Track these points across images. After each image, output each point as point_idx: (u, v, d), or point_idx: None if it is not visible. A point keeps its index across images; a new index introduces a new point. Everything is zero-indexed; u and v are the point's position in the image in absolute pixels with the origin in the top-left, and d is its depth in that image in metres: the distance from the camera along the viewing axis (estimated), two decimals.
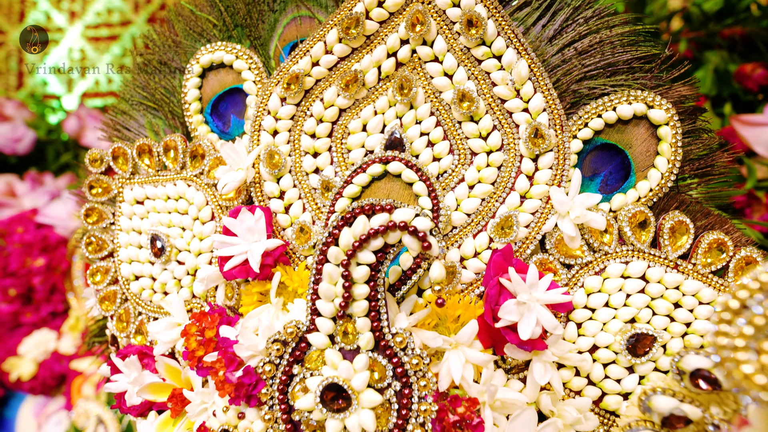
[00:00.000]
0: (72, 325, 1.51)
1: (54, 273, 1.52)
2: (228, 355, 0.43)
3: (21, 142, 1.72)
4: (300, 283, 0.47)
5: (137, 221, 0.57)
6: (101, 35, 2.25)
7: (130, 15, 2.26)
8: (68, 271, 1.50)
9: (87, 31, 2.25)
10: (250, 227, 0.47)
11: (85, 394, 1.46)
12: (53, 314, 1.54)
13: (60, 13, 2.23)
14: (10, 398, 1.58)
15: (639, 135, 0.49)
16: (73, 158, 1.77)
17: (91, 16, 2.24)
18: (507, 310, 0.42)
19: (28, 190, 1.67)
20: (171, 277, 0.55)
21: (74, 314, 1.51)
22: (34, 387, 1.50)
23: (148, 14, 2.26)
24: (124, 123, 0.62)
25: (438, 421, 0.40)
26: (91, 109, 1.83)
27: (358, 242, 0.39)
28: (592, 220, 0.46)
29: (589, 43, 0.49)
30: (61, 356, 1.49)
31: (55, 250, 1.53)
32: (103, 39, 2.25)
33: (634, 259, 0.47)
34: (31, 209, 1.58)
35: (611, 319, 0.46)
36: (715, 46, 1.17)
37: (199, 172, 0.55)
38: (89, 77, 2.27)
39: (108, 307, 0.58)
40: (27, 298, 1.51)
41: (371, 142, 0.50)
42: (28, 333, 1.50)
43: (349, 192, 0.48)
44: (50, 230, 1.54)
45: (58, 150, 1.77)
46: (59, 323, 1.52)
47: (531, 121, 0.48)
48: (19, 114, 1.74)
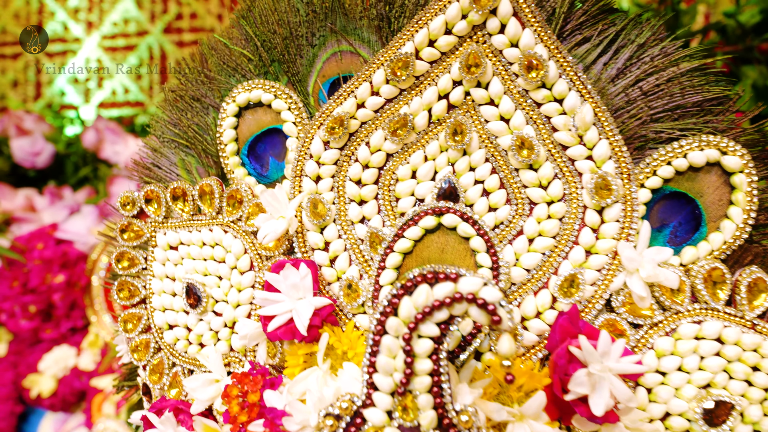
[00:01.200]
0: (92, 341, 1.50)
1: (74, 289, 1.51)
2: (276, 428, 0.40)
3: (40, 155, 1.71)
4: (349, 344, 0.44)
5: (171, 267, 0.55)
6: (118, 45, 2.24)
7: (146, 25, 2.24)
8: (88, 286, 1.49)
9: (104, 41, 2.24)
10: (295, 283, 0.44)
11: (105, 413, 1.45)
12: (73, 330, 1.53)
13: (77, 24, 2.23)
14: (30, 414, 1.57)
15: (711, 183, 0.46)
16: (91, 172, 1.76)
17: (108, 26, 2.23)
18: (578, 382, 0.39)
19: (47, 204, 1.66)
20: (207, 328, 0.52)
21: (94, 330, 1.50)
22: (53, 404, 1.49)
23: (165, 24, 2.25)
24: (155, 161, 0.59)
25: None
26: (110, 122, 1.81)
27: (421, 314, 0.36)
28: (665, 278, 0.43)
29: (655, 83, 0.46)
30: (81, 372, 1.48)
31: (75, 266, 1.52)
32: (119, 49, 2.24)
33: (708, 318, 0.44)
34: (51, 224, 1.57)
35: (685, 384, 0.43)
36: (753, 61, 1.13)
37: (236, 218, 0.52)
38: (106, 87, 2.26)
39: (141, 356, 0.56)
40: (47, 315, 1.50)
41: (422, 191, 0.47)
42: (48, 349, 1.50)
43: (400, 247, 0.45)
44: (70, 246, 1.53)
45: (77, 163, 1.76)
46: (79, 339, 1.51)
47: (595, 170, 0.44)
48: (38, 128, 1.73)
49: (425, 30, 0.46)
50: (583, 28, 0.48)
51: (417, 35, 0.46)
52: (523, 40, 0.44)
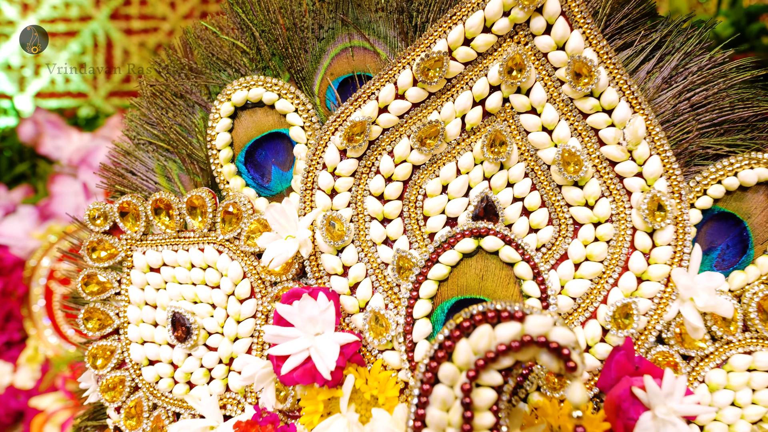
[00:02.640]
0: (30, 356, 1.35)
1: (9, 298, 1.36)
2: None
3: None
4: (378, 388, 0.38)
5: (152, 293, 0.46)
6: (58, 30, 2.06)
7: (90, 10, 2.07)
8: (26, 296, 1.35)
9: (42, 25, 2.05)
10: (313, 317, 0.38)
11: None
12: (8, 344, 1.38)
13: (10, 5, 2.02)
14: None
15: (759, 203, 0.43)
16: (29, 169, 1.59)
17: (47, 9, 2.04)
18: (644, 427, 0.35)
19: None
20: (198, 365, 0.45)
21: (32, 344, 1.35)
22: None
23: (111, 10, 2.09)
24: (129, 166, 0.51)
25: None
26: (50, 114, 1.65)
27: (483, 361, 0.31)
28: (720, 307, 0.39)
29: (705, 95, 0.43)
30: (18, 391, 1.34)
31: (11, 273, 1.37)
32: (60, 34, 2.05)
33: (760, 347, 0.41)
34: None
35: (738, 420, 0.40)
36: None
37: (233, 237, 0.45)
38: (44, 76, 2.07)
39: (114, 397, 0.47)
40: None
41: (454, 208, 0.42)
42: None
43: (435, 274, 0.39)
44: (5, 251, 1.38)
45: (13, 159, 1.59)
46: (15, 354, 1.36)
47: (647, 189, 0.40)
48: None
49: (461, 27, 0.41)
50: (623, 33, 0.44)
51: (451, 32, 0.41)
52: (572, 42, 0.40)
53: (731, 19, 1.19)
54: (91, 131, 1.71)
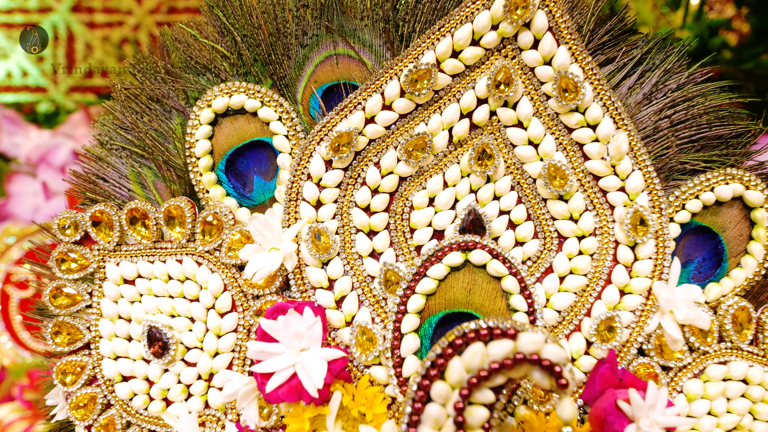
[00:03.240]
0: None
1: None
2: None
3: None
4: (366, 404, 0.37)
5: (126, 306, 0.45)
6: (15, 22, 1.97)
7: (50, 1, 1.99)
8: None
9: None
10: (299, 332, 0.37)
11: None
12: None
13: None
14: None
15: (733, 217, 0.44)
16: None
17: None
18: None
19: None
20: (176, 381, 0.43)
21: None
22: None
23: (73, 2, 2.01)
24: (100, 172, 0.49)
25: None
26: (6, 109, 1.58)
27: (477, 379, 0.30)
28: (699, 320, 0.40)
29: (684, 113, 0.44)
30: None
31: None
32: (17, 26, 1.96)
33: (734, 358, 0.42)
34: None
35: (714, 429, 0.41)
36: None
37: (213, 248, 0.43)
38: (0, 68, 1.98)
39: (84, 415, 0.45)
40: None
41: (440, 221, 0.42)
42: None
43: (423, 288, 0.39)
44: None
45: None
46: None
47: (630, 203, 0.41)
48: None
49: (449, 39, 0.40)
50: (606, 48, 0.45)
51: (439, 44, 0.41)
52: (558, 58, 0.40)
53: (695, 32, 1.23)
54: (51, 128, 1.64)
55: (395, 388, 0.38)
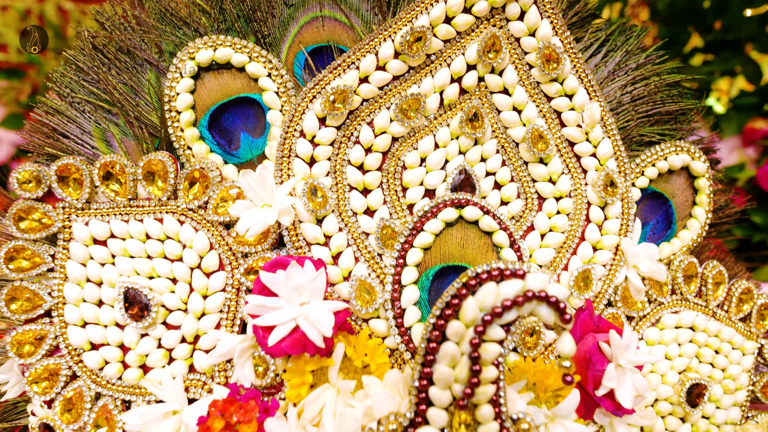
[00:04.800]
0: None
1: None
2: None
3: None
4: (368, 355, 0.38)
5: (96, 268, 0.41)
6: None
7: None
8: None
9: None
10: (300, 286, 0.37)
11: None
12: None
13: None
14: None
15: (680, 185, 0.50)
16: None
17: None
18: (609, 377, 0.39)
19: None
20: (156, 346, 0.41)
21: None
22: None
23: None
24: (60, 127, 0.45)
25: None
26: None
27: (490, 316, 0.32)
28: (658, 272, 0.45)
29: (643, 89, 0.49)
30: None
31: None
32: None
33: (683, 309, 0.48)
34: None
35: (669, 371, 0.46)
36: None
37: (198, 206, 0.41)
38: None
39: (45, 388, 0.41)
40: None
41: (432, 180, 0.43)
42: None
43: (421, 242, 0.40)
44: None
45: None
46: None
47: (600, 168, 0.45)
48: None
49: (443, 5, 0.42)
50: (574, 29, 0.49)
51: (433, 9, 0.42)
52: (542, 30, 0.43)
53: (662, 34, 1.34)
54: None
55: (396, 338, 0.39)
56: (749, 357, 0.49)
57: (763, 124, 1.01)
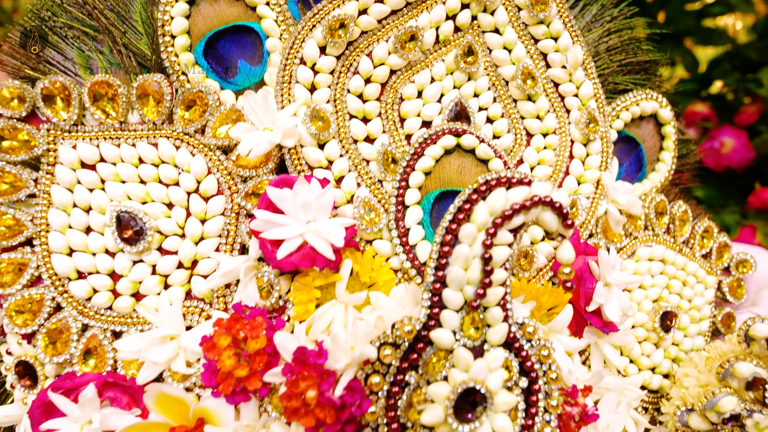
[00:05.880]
0: None
1: None
2: (319, 369, 0.32)
3: None
4: (377, 272, 0.38)
5: (84, 194, 0.39)
6: None
7: None
8: None
9: None
10: (307, 203, 0.37)
11: None
12: None
13: None
14: None
15: (649, 131, 0.54)
16: None
17: None
18: (599, 293, 0.41)
19: None
20: (149, 272, 0.39)
21: None
22: None
23: None
24: (43, 54, 0.43)
25: (559, 414, 0.37)
26: None
27: (500, 219, 0.33)
28: (634, 205, 0.48)
29: (618, 40, 0.52)
30: None
31: None
32: None
33: (654, 244, 0.51)
34: None
35: (644, 300, 0.49)
36: None
37: (195, 130, 0.41)
38: None
39: (26, 321, 0.39)
40: None
41: (429, 112, 0.44)
42: None
43: (422, 165, 0.41)
44: None
45: None
46: None
47: (582, 108, 0.48)
48: None
49: None
50: None
51: None
52: None
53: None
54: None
55: (401, 256, 0.39)
56: (711, 290, 0.53)
57: (702, 108, 1.10)
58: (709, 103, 1.12)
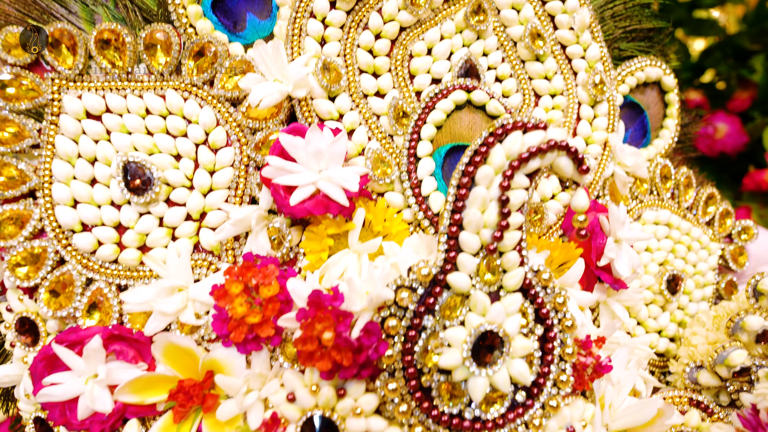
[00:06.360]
0: None
1: None
2: (335, 311, 0.32)
3: None
4: (389, 222, 0.38)
5: (89, 144, 0.38)
6: None
7: None
8: None
9: None
10: (320, 151, 0.36)
11: None
12: None
13: None
14: None
15: (653, 98, 0.54)
16: None
17: None
18: (609, 248, 0.41)
19: None
20: (157, 224, 0.39)
21: None
22: None
23: None
24: (47, 5, 0.42)
25: (573, 364, 0.36)
26: None
27: (517, 162, 0.33)
28: (640, 166, 0.49)
29: (623, 7, 0.52)
30: None
31: None
32: None
33: (659, 208, 0.51)
34: None
35: (650, 262, 0.50)
36: None
37: (203, 81, 0.40)
38: None
39: (29, 274, 0.38)
40: None
41: (438, 69, 0.44)
42: None
43: (434, 118, 0.41)
44: None
45: None
46: None
47: (589, 70, 0.48)
48: None
49: None
50: None
51: None
52: None
53: None
54: None
55: (414, 207, 0.39)
56: (714, 257, 0.54)
57: (696, 95, 1.11)
58: (701, 91, 1.13)
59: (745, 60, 1.09)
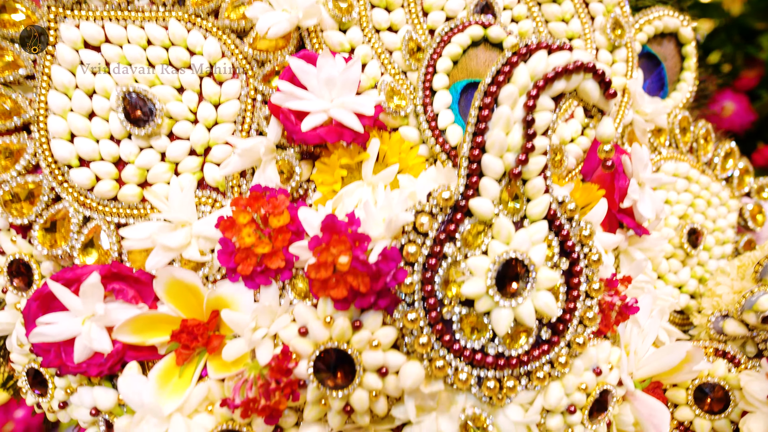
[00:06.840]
0: None
1: None
2: (352, 234, 0.29)
3: None
4: (405, 155, 0.36)
5: (87, 76, 0.36)
6: None
7: None
8: None
9: None
10: (331, 77, 0.34)
11: None
12: None
13: None
14: None
15: (670, 51, 0.52)
16: None
17: None
18: (633, 189, 0.39)
19: None
20: (158, 159, 0.37)
21: None
22: None
23: None
24: None
25: (599, 303, 0.34)
26: None
27: (543, 81, 0.31)
28: (659, 113, 0.47)
29: None
30: None
31: None
32: None
33: (677, 161, 0.50)
34: None
35: (670, 216, 0.48)
36: None
37: (208, 12, 0.38)
38: None
39: (22, 210, 0.35)
40: None
41: (453, 6, 0.42)
42: None
43: (450, 52, 0.39)
44: None
45: None
46: None
47: (606, 15, 0.46)
48: None
49: None
50: None
51: None
52: None
53: None
54: None
55: (431, 140, 0.37)
56: (733, 214, 0.52)
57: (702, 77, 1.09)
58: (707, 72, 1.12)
59: (752, 39, 1.08)
